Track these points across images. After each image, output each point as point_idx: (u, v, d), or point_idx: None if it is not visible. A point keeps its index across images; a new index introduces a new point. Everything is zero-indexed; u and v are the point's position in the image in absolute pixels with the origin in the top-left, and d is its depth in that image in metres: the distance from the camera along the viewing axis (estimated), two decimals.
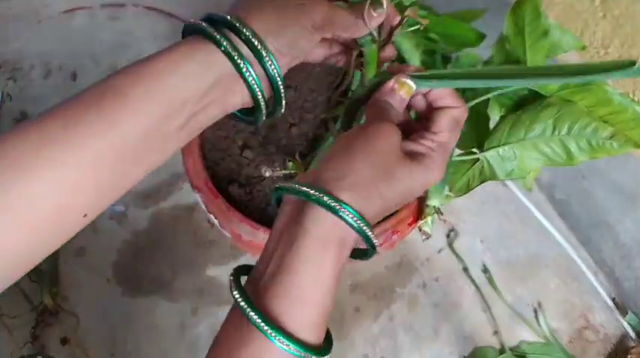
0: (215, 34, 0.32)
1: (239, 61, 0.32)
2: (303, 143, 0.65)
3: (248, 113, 0.38)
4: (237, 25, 0.33)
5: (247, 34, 0.33)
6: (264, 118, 0.37)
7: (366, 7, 0.39)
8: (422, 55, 0.56)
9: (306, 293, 0.30)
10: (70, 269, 0.78)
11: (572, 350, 0.76)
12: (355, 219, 0.31)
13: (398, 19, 0.42)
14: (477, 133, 0.59)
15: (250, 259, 0.79)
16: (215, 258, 0.79)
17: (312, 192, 0.31)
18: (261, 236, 0.56)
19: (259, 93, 0.34)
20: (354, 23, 0.38)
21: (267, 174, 0.60)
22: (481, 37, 0.63)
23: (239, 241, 0.59)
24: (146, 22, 1.01)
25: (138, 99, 0.30)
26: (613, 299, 0.79)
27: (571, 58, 0.73)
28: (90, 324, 0.75)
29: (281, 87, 0.35)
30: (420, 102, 0.40)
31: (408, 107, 0.40)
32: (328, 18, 0.36)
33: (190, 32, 0.35)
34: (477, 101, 0.58)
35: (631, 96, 0.65)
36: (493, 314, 0.77)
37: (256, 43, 0.33)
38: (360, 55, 0.44)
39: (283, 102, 0.36)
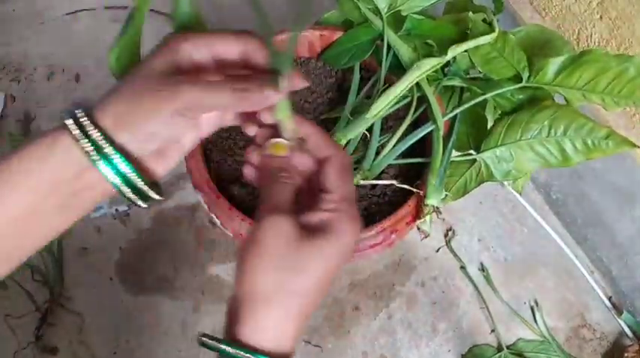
0: (75, 128, 0.31)
1: (96, 159, 0.31)
2: None
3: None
4: (84, 122, 0.31)
5: (90, 133, 0.31)
6: (152, 201, 0.35)
7: (256, 84, 0.32)
8: (420, 59, 0.56)
9: None
10: (74, 268, 0.79)
11: (568, 348, 0.77)
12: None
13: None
14: (474, 135, 0.60)
15: None
16: (217, 257, 0.80)
17: (230, 350, 0.31)
18: None
19: (123, 187, 0.33)
20: (236, 100, 0.32)
21: None
22: None
23: (240, 240, 0.60)
24: (149, 24, 1.01)
25: (17, 182, 0.31)
26: (609, 298, 0.80)
27: None
28: (93, 323, 0.76)
29: (138, 183, 0.33)
30: (307, 161, 0.37)
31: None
32: (195, 101, 0.32)
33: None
34: (474, 102, 0.58)
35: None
36: (490, 312, 0.77)
37: (102, 143, 0.31)
38: None
39: (150, 194, 0.34)
